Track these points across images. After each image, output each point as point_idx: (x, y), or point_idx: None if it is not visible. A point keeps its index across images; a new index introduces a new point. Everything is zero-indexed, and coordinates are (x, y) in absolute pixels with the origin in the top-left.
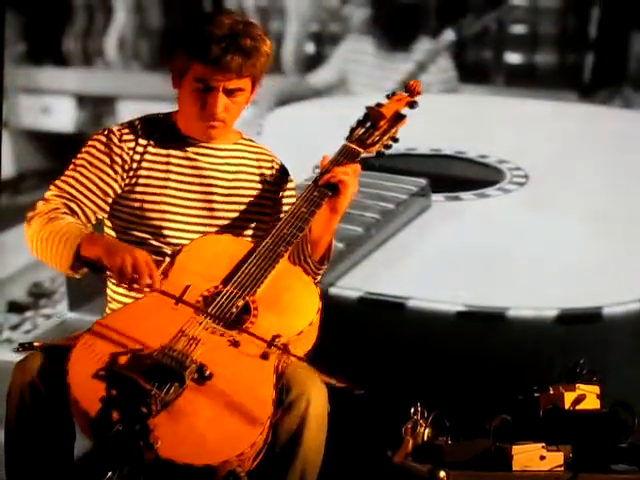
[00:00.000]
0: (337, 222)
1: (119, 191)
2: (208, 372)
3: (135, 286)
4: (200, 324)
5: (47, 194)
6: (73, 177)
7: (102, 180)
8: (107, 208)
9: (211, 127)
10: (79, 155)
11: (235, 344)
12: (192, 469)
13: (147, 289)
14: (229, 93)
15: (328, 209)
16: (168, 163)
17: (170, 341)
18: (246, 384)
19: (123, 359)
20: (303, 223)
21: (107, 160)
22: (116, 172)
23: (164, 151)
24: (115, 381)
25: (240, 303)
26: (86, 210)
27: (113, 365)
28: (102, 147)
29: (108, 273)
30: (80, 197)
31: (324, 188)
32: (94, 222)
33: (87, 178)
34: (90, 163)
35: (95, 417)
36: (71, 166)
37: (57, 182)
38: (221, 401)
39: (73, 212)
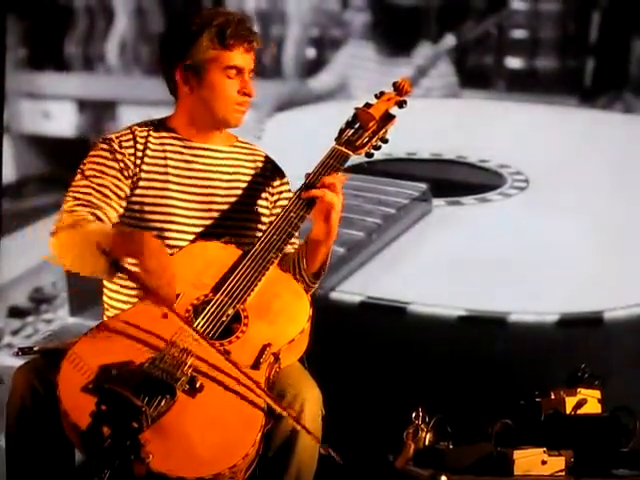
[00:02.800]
0: (334, 234)
1: (128, 195)
2: (199, 384)
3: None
4: (190, 334)
5: (67, 206)
6: (89, 186)
7: (116, 186)
8: (122, 212)
9: (242, 112)
10: (86, 166)
11: (226, 354)
12: None
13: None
14: (249, 74)
15: (323, 220)
16: (166, 166)
17: (160, 353)
18: (237, 395)
19: (113, 372)
20: (292, 229)
21: (116, 166)
22: (125, 177)
23: (162, 155)
24: (106, 397)
25: (230, 312)
26: (110, 216)
27: (103, 379)
28: (108, 154)
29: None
30: (101, 204)
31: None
32: None
33: (102, 185)
34: (101, 171)
35: (85, 431)
36: (79, 177)
37: (72, 194)
38: (212, 413)
39: (100, 219)
